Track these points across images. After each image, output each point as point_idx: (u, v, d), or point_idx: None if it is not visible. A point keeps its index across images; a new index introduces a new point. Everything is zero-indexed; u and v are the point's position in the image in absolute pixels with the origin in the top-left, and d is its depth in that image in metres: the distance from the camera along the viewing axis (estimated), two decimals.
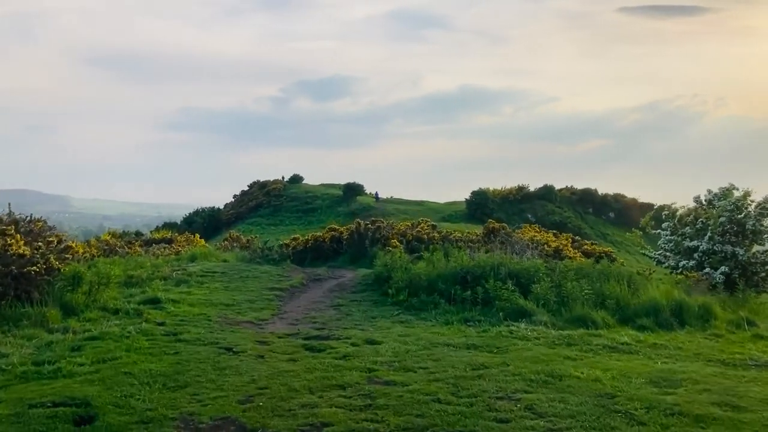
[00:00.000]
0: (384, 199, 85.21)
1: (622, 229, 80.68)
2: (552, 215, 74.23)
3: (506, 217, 75.16)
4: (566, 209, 77.37)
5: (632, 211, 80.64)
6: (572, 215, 76.28)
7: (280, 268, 16.98)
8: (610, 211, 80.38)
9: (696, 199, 18.91)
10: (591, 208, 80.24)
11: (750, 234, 17.73)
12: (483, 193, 74.88)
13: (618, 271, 13.53)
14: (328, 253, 22.76)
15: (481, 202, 73.92)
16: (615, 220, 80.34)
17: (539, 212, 75.40)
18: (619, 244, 74.97)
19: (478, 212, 73.02)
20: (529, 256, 17.06)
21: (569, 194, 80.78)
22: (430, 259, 15.00)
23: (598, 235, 75.50)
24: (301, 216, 75.59)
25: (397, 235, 20.33)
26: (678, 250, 18.50)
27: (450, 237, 20.95)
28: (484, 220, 71.90)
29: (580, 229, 73.18)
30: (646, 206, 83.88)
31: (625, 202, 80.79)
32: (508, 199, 76.10)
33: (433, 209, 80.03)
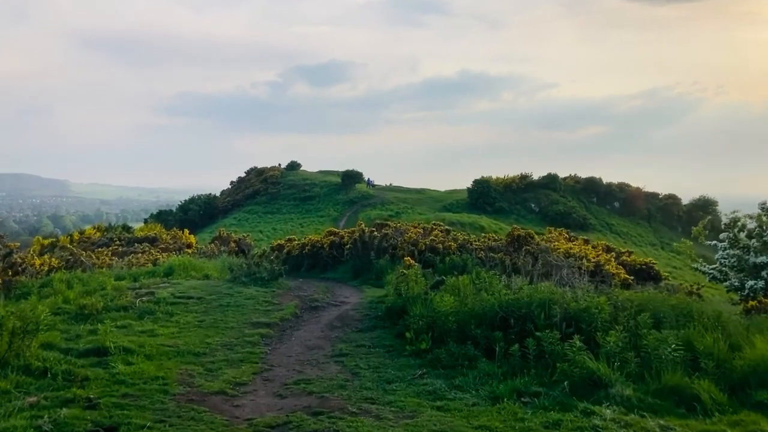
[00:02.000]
0: (383, 186, 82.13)
1: (627, 219, 77.98)
2: (556, 205, 71.33)
3: (509, 206, 72.42)
4: (570, 198, 74.45)
5: (637, 201, 77.82)
6: (576, 205, 73.37)
7: (270, 291, 13.80)
8: (615, 200, 77.49)
9: (762, 206, 15.80)
10: (595, 198, 77.36)
11: None
12: (485, 182, 71.83)
13: (700, 308, 10.39)
14: (326, 262, 19.62)
15: (483, 191, 70.94)
16: (620, 209, 77.51)
17: (543, 202, 72.50)
18: (625, 235, 72.16)
19: (480, 201, 70.18)
20: (566, 274, 13.95)
21: (573, 183, 77.88)
22: (456, 288, 11.84)
23: (603, 226, 72.72)
24: (299, 204, 72.56)
25: (407, 245, 17.19)
26: (741, 266, 15.46)
27: (468, 246, 17.81)
28: (486, 210, 69.28)
29: (585, 220, 70.35)
30: (652, 195, 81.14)
31: (630, 191, 77.94)
32: (510, 187, 73.17)
33: (434, 197, 77.11)
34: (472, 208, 67.82)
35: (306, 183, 77.55)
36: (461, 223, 57.65)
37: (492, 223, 60.67)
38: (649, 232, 74.64)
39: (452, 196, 74.74)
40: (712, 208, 79.39)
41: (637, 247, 64.67)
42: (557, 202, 71.61)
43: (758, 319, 10.55)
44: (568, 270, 13.89)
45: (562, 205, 71.16)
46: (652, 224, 77.05)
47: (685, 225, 79.47)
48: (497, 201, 69.87)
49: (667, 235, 75.68)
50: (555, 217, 68.53)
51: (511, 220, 66.64)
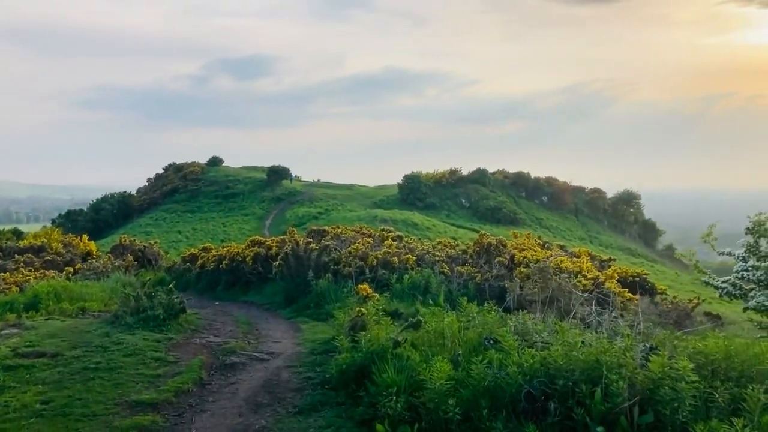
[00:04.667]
0: (311, 182, 77.55)
1: (556, 213, 76.63)
2: (486, 200, 68.95)
3: (440, 201, 69.39)
4: (500, 193, 72.35)
5: (565, 195, 76.60)
6: (506, 200, 71.32)
7: (165, 339, 9.40)
8: (543, 194, 75.98)
9: None
10: (524, 192, 75.62)
11: None
12: (416, 177, 68.61)
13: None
14: (250, 280, 15.27)
15: (414, 186, 67.73)
16: (548, 204, 76.10)
17: (473, 197, 69.98)
18: (555, 229, 70.51)
19: (411, 197, 66.88)
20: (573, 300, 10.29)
21: (502, 178, 75.89)
22: (441, 335, 7.90)
23: (533, 220, 70.85)
24: (221, 202, 67.01)
25: (353, 259, 13.12)
26: (766, 281, 12.31)
27: (428, 258, 13.92)
28: (417, 205, 65.79)
29: (515, 215, 68.23)
30: (578, 189, 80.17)
31: (558, 185, 76.62)
32: (441, 183, 70.31)
33: (364, 194, 73.19)
34: (403, 203, 64.44)
35: (229, 179, 72.02)
36: (394, 220, 54.06)
37: (425, 219, 57.44)
38: (577, 226, 73.45)
39: (382, 192, 71.14)
40: (635, 201, 79.33)
41: (567, 241, 62.98)
42: (487, 197, 69.27)
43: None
44: (575, 294, 10.21)
45: (492, 200, 68.89)
46: (580, 218, 76.01)
47: (610, 218, 79.02)
48: (428, 196, 66.81)
49: (594, 229, 74.79)
50: (486, 213, 66.23)
51: (442, 216, 63.75)
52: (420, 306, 11.67)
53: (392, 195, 68.79)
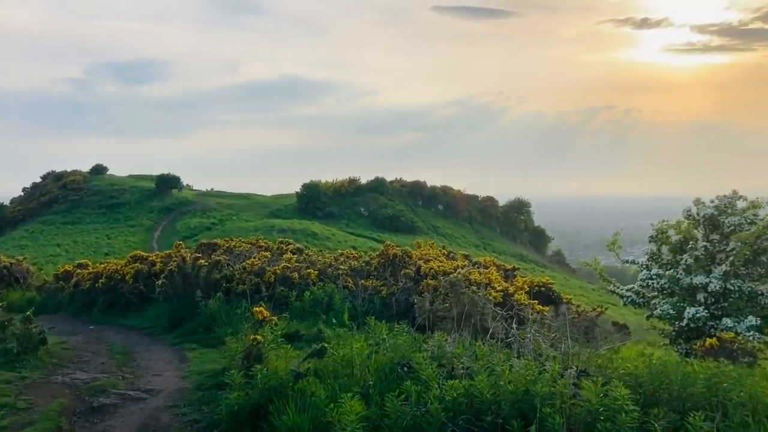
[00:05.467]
0: (204, 191, 74.36)
1: (451, 221, 77.84)
2: (385, 208, 68.91)
3: (339, 210, 68.50)
4: (398, 202, 72.57)
5: (460, 203, 78.03)
6: (404, 208, 71.64)
7: (18, 378, 7.81)
8: (439, 203, 77.02)
9: (687, 213, 12.71)
10: (421, 201, 76.33)
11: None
12: (315, 186, 67.46)
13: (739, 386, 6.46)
14: (130, 301, 13.61)
15: (313, 196, 66.54)
16: (443, 212, 77.19)
17: (372, 206, 69.73)
18: (451, 236, 71.51)
19: (310, 206, 65.63)
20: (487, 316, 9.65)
21: (400, 187, 76.25)
22: (349, 362, 6.93)
23: (429, 228, 71.52)
24: (105, 212, 62.66)
25: (248, 275, 11.88)
26: (671, 289, 12.22)
27: (331, 271, 12.91)
28: (316, 215, 64.59)
29: (413, 223, 68.59)
30: (472, 198, 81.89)
31: (453, 194, 77.94)
32: (340, 192, 69.57)
33: (261, 203, 71.00)
34: (302, 213, 63.07)
35: (114, 189, 67.65)
36: (293, 229, 52.67)
37: (324, 228, 56.38)
38: (471, 233, 74.92)
39: (280, 202, 69.37)
40: (525, 209, 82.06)
41: (462, 248, 63.95)
42: (386, 206, 69.24)
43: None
44: (488, 309, 9.56)
45: (391, 208, 68.93)
46: (474, 225, 77.63)
47: (502, 225, 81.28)
48: (327, 205, 65.82)
49: (487, 236, 76.57)
50: (385, 221, 66.14)
51: (342, 225, 62.98)
52: (323, 326, 10.66)
53: (291, 204, 67.26)
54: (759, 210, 11.94)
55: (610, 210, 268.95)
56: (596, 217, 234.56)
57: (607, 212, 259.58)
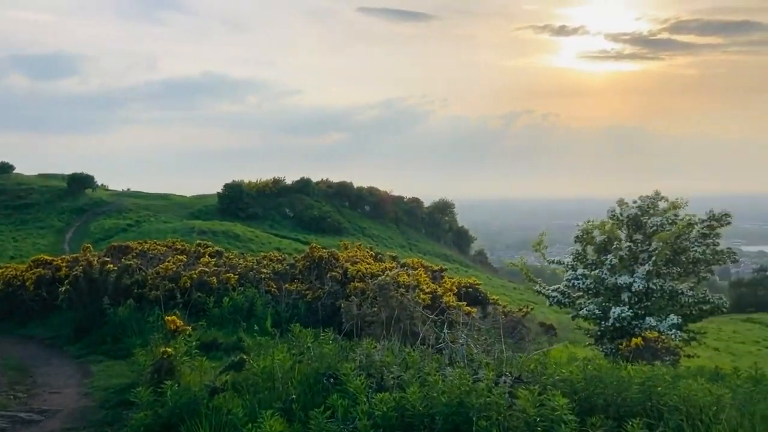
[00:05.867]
0: (120, 192, 71.17)
1: (378, 222, 77.72)
2: (311, 209, 67.98)
3: (263, 212, 66.96)
4: (324, 203, 71.81)
5: (386, 204, 78.04)
6: (331, 209, 70.94)
7: None
8: (366, 204, 76.75)
9: (611, 214, 12.81)
10: (347, 202, 75.82)
11: (691, 265, 12.19)
12: (237, 186, 65.69)
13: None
14: (31, 308, 12.47)
15: (236, 196, 64.76)
16: (370, 213, 76.98)
17: (297, 206, 68.65)
18: (377, 237, 71.37)
19: (233, 207, 63.82)
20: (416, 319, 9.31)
21: (326, 187, 75.48)
22: (271, 375, 6.40)
23: (356, 229, 71.10)
24: (12, 213, 58.73)
25: (162, 281, 11.07)
26: (597, 289, 12.29)
27: (253, 275, 12.24)
28: (239, 216, 62.90)
29: (339, 224, 67.97)
30: (398, 199, 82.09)
31: (379, 195, 77.87)
32: (264, 192, 68.04)
33: (180, 204, 68.52)
34: (225, 214, 61.29)
35: (22, 188, 63.61)
36: (213, 231, 51.03)
37: (247, 230, 54.94)
38: (397, 234, 75.10)
39: (201, 202, 67.21)
40: (450, 210, 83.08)
41: (389, 249, 64.01)
42: (312, 207, 68.37)
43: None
44: (418, 312, 9.20)
45: (316, 209, 68.13)
46: (400, 226, 77.88)
47: (427, 226, 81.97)
48: (251, 206, 64.29)
49: (413, 236, 76.99)
50: (310, 222, 65.27)
51: (265, 227, 61.64)
52: (243, 334, 10.04)
53: (212, 205, 65.28)
54: (679, 210, 12.19)
55: (529, 211, 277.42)
56: (516, 218, 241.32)
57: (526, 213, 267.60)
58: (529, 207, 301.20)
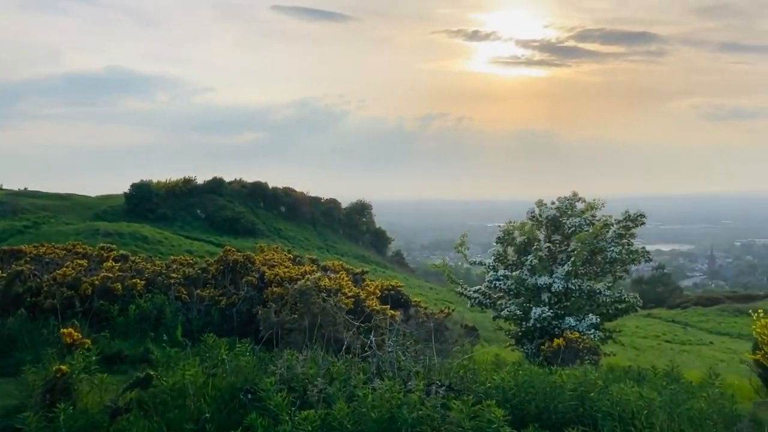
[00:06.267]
0: (15, 191, 66.51)
1: (294, 224, 76.51)
2: (224, 210, 65.97)
3: (173, 213, 64.36)
4: (238, 204, 69.86)
5: (302, 205, 76.90)
6: (244, 210, 69.11)
7: None
8: (281, 205, 75.30)
9: (531, 215, 12.86)
10: (262, 203, 74.12)
11: (608, 265, 12.40)
12: (145, 186, 62.76)
13: None
14: None
15: (144, 196, 61.85)
16: (286, 214, 75.63)
17: (209, 207, 66.43)
18: (293, 239, 70.25)
19: (141, 207, 60.93)
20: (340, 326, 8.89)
21: (240, 188, 73.46)
22: (180, 393, 5.80)
23: (271, 231, 69.67)
24: None
25: (59, 288, 10.08)
26: (518, 290, 12.28)
27: (161, 281, 11.42)
28: (148, 217, 60.27)
29: (254, 225, 66.36)
30: (315, 200, 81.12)
31: (295, 195, 76.63)
32: (174, 192, 65.38)
33: (84, 204, 64.75)
34: (132, 215, 58.41)
35: None
36: (120, 233, 48.50)
37: (156, 231, 52.57)
38: (315, 236, 74.26)
39: (106, 203, 63.82)
40: (367, 211, 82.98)
41: (306, 251, 63.14)
42: (225, 208, 66.37)
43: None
44: (340, 318, 8.78)
45: (229, 210, 66.18)
46: (317, 228, 77.05)
47: (345, 227, 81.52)
48: (160, 207, 61.65)
49: (330, 238, 76.38)
50: (223, 224, 63.36)
51: (176, 228, 59.28)
52: (151, 345, 9.28)
53: (118, 205, 62.12)
54: (596, 211, 12.41)
55: (444, 212, 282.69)
56: (431, 219, 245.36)
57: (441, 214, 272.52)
58: (444, 208, 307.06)
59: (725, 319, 48.54)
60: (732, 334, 44.05)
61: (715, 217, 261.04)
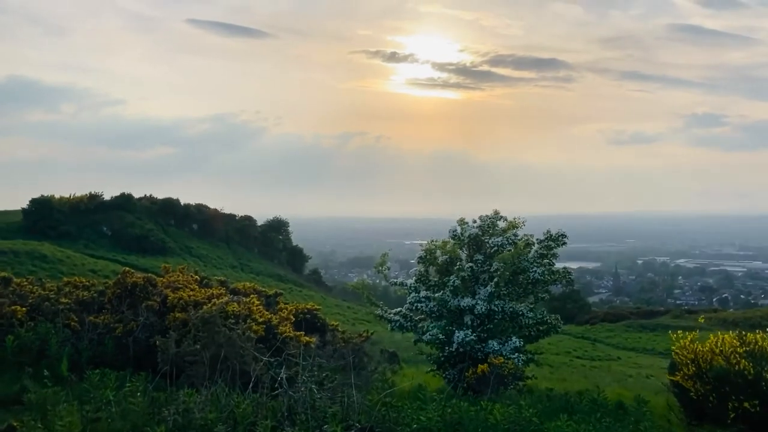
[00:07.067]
0: None
1: (206, 242, 73.91)
2: (132, 228, 62.86)
3: (77, 230, 60.69)
4: (147, 221, 66.77)
5: (216, 222, 74.52)
6: (154, 227, 66.14)
7: None
8: (194, 222, 72.69)
9: (453, 233, 12.41)
10: (173, 220, 71.24)
11: (530, 285, 12.09)
12: (46, 202, 58.90)
13: None
14: None
15: (45, 213, 58.00)
16: (198, 231, 73.03)
17: (116, 224, 63.14)
18: (206, 258, 67.79)
19: (41, 224, 57.07)
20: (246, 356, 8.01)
21: (149, 204, 70.32)
22: None
23: (182, 249, 66.97)
24: None
25: None
26: (440, 312, 11.76)
27: (48, 306, 10.14)
28: (49, 234, 56.48)
29: (164, 243, 63.59)
30: (229, 217, 78.83)
31: (209, 213, 74.20)
32: (78, 208, 61.73)
33: None
34: (30, 233, 54.50)
35: None
36: (15, 251, 45.01)
37: (57, 250, 49.18)
38: (228, 254, 72.04)
39: (3, 219, 59.38)
40: (284, 229, 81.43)
41: (219, 269, 61.21)
42: (133, 225, 63.27)
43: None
44: (248, 350, 7.91)
45: (138, 228, 63.14)
46: (231, 246, 74.84)
47: (260, 245, 79.57)
48: (62, 224, 57.95)
49: (245, 256, 74.33)
50: (131, 242, 60.31)
51: (80, 246, 55.82)
52: (29, 381, 8.08)
53: (14, 222, 57.92)
54: (517, 230, 12.15)
55: (361, 230, 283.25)
56: (348, 236, 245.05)
57: (358, 232, 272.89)
58: (362, 225, 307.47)
59: (631, 335, 50.51)
60: (638, 349, 45.81)
61: (619, 236, 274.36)
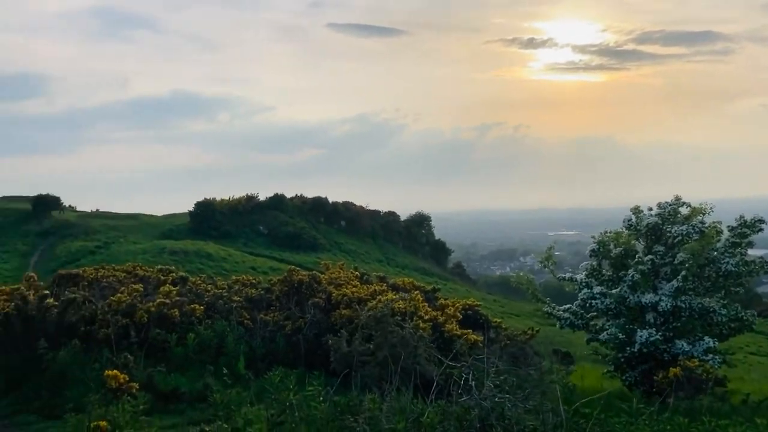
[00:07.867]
0: (87, 213, 68.37)
1: (354, 237, 75.98)
2: (285, 226, 65.97)
3: (236, 230, 64.75)
4: (299, 219, 69.77)
5: (362, 219, 76.28)
6: (306, 225, 68.95)
7: None
8: (342, 219, 74.89)
9: (628, 223, 11.30)
10: (323, 218, 73.88)
11: (721, 279, 10.71)
12: (209, 204, 63.40)
13: None
14: None
15: (208, 214, 62.49)
16: (346, 228, 75.18)
17: (271, 224, 66.58)
18: (354, 253, 69.54)
19: (205, 225, 61.55)
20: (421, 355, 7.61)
21: (300, 203, 73.44)
22: None
23: (332, 245, 69.22)
24: None
25: (114, 315, 9.23)
26: (618, 309, 10.74)
27: (222, 304, 10.47)
28: (211, 234, 60.66)
29: (315, 240, 66.04)
30: (374, 213, 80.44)
31: (355, 209, 76.11)
32: (237, 209, 65.85)
33: (150, 223, 65.98)
34: (196, 233, 58.92)
35: None
36: (185, 251, 48.83)
37: (220, 249, 52.75)
38: (375, 249, 73.42)
39: (172, 221, 64.77)
40: (426, 223, 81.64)
41: (366, 264, 62.39)
42: (286, 224, 66.35)
43: None
44: (422, 349, 7.53)
45: (291, 226, 66.11)
46: (377, 241, 76.20)
47: (404, 240, 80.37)
48: (223, 224, 62.08)
49: (390, 251, 75.38)
50: (285, 239, 63.28)
51: (239, 245, 59.49)
52: (211, 379, 8.26)
53: (183, 224, 62.93)
54: (705, 216, 10.78)
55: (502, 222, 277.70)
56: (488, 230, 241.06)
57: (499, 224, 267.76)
58: (502, 218, 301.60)
59: None
60: None
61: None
